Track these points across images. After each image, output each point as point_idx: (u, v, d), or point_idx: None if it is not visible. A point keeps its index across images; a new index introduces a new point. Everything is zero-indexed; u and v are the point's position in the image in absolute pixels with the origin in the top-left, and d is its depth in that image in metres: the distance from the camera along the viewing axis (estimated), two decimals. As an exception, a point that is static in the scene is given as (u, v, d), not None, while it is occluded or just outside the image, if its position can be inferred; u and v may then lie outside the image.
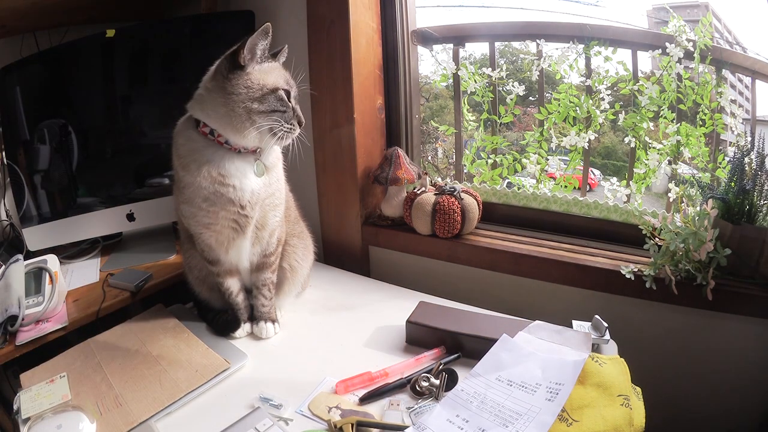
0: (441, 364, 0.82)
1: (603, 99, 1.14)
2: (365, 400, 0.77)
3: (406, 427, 0.70)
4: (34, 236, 1.21)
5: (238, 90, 0.79)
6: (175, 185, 0.90)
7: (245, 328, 0.98)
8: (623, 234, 1.11)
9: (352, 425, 0.69)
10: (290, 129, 0.83)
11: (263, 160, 0.88)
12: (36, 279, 1.03)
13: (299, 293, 1.10)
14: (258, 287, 0.98)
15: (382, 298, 1.10)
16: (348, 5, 1.14)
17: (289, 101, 0.83)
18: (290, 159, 0.96)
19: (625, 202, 1.15)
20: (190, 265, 1.02)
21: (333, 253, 1.35)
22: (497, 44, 1.28)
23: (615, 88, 1.15)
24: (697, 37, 1.02)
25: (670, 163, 1.11)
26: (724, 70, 1.05)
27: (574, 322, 0.87)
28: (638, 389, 0.76)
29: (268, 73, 0.82)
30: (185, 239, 0.98)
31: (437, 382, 0.77)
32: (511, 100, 1.23)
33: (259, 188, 0.88)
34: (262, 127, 0.80)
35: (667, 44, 1.04)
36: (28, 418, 0.74)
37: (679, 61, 1.06)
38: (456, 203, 1.14)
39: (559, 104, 1.17)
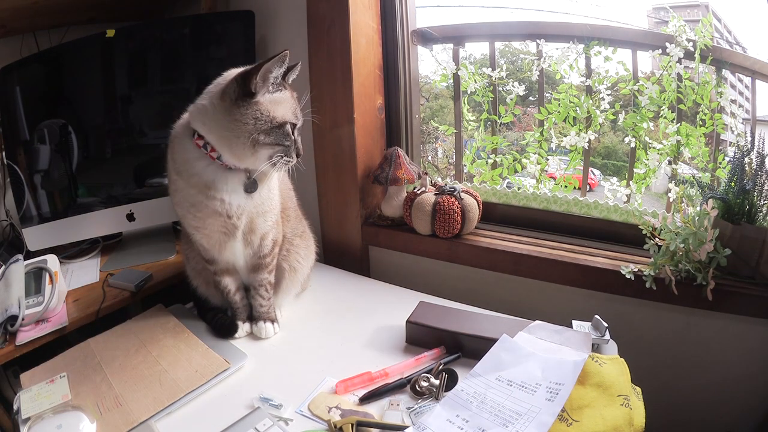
0: (441, 364, 0.82)
1: (603, 99, 1.14)
2: (365, 400, 0.77)
3: (406, 427, 0.70)
4: (34, 236, 1.21)
5: (246, 119, 0.77)
6: (169, 185, 0.91)
7: (244, 328, 0.97)
8: (623, 234, 1.11)
9: (352, 425, 0.69)
10: (288, 162, 0.82)
11: (256, 177, 0.87)
12: (36, 279, 1.03)
13: (299, 293, 1.10)
14: (255, 287, 0.98)
15: (382, 298, 1.10)
16: (348, 5, 1.14)
17: (293, 134, 0.82)
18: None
19: (625, 202, 1.15)
20: (188, 257, 1.03)
21: (333, 253, 1.35)
22: (497, 44, 1.28)
23: (615, 88, 1.15)
24: (697, 37, 1.02)
25: (670, 163, 1.11)
26: (724, 70, 1.05)
27: (574, 322, 0.87)
28: (638, 389, 0.76)
29: (279, 104, 0.80)
30: (185, 234, 0.99)
31: (437, 382, 0.77)
32: (511, 100, 1.23)
33: (246, 201, 0.87)
34: (263, 156, 0.80)
35: (667, 44, 1.04)
36: (28, 418, 0.74)
37: (679, 61, 1.06)
38: (456, 203, 1.14)
39: (559, 104, 1.17)
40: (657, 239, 0.97)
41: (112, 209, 1.27)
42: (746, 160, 0.91)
